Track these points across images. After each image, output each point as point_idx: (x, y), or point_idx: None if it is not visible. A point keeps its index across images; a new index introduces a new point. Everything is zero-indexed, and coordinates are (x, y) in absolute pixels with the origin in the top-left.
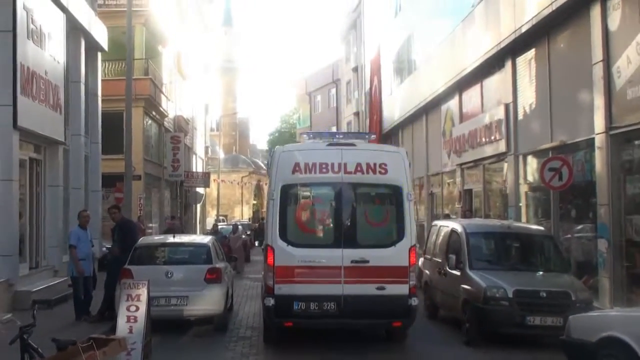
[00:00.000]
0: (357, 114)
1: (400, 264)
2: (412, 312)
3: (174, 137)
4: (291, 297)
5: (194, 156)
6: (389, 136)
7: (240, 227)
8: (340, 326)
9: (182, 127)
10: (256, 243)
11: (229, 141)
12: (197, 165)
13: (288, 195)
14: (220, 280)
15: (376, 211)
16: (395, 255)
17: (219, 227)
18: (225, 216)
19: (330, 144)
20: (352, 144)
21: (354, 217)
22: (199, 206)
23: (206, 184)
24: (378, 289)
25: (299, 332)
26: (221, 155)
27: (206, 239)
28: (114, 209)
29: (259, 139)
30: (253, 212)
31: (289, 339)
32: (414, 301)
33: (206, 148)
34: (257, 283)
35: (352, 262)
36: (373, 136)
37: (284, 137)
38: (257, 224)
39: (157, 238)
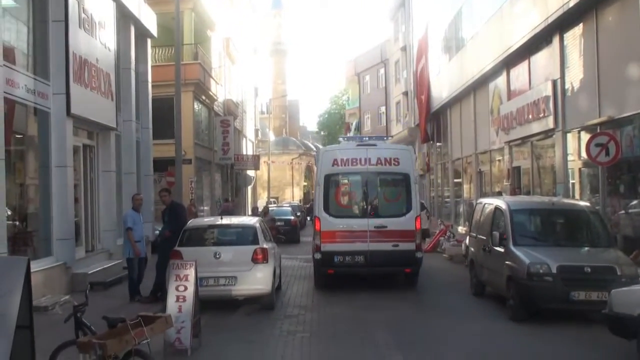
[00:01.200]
0: (405, 93)
1: (409, 228)
2: (417, 261)
3: (224, 121)
4: (332, 252)
5: (244, 139)
6: (437, 115)
7: (288, 207)
8: (367, 272)
9: (232, 110)
10: (308, 218)
11: (279, 123)
12: (247, 148)
13: (329, 181)
14: (267, 261)
15: (391, 192)
16: (405, 222)
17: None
18: (277, 198)
19: (359, 145)
20: (374, 144)
21: (376, 196)
22: (249, 188)
23: (256, 167)
24: (393, 246)
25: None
26: (271, 137)
27: (253, 220)
28: (164, 192)
29: (309, 121)
30: (304, 194)
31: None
32: (419, 254)
33: (256, 131)
34: (307, 264)
35: (375, 227)
36: (390, 138)
37: (334, 118)
38: (308, 206)
39: (206, 220)
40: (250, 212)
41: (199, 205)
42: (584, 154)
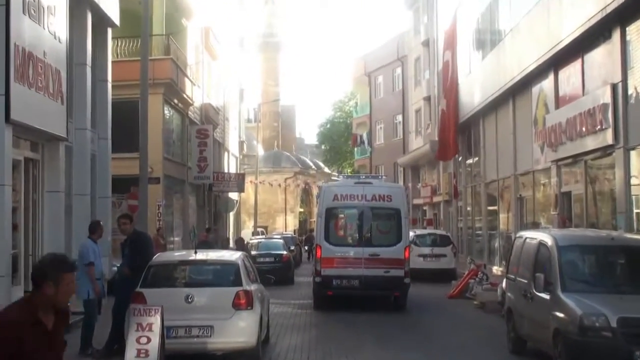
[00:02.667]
0: (427, 98)
1: (399, 257)
2: (405, 286)
3: (201, 131)
4: (331, 276)
5: (225, 154)
6: (467, 126)
7: (279, 239)
8: (362, 294)
9: (211, 117)
10: (305, 247)
11: (270, 134)
12: (230, 165)
13: (330, 214)
14: (252, 306)
15: (384, 224)
16: (395, 251)
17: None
18: (265, 227)
19: (356, 183)
20: (370, 182)
21: (370, 228)
22: (231, 215)
23: (240, 188)
24: (385, 272)
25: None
26: (260, 152)
27: (235, 256)
28: (125, 219)
29: (307, 132)
30: (300, 222)
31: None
32: (407, 280)
33: (241, 143)
34: (301, 311)
35: (369, 255)
36: (385, 177)
37: (338, 128)
38: (303, 237)
39: (177, 254)
40: (234, 245)
41: (168, 236)
42: None
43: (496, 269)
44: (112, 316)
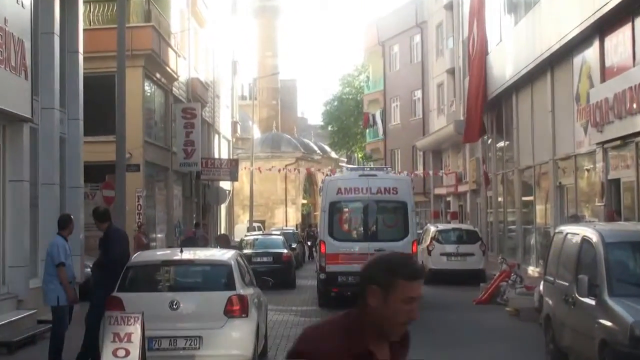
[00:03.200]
0: (451, 71)
1: (407, 251)
2: None
3: (187, 110)
4: (336, 272)
5: (216, 136)
6: (497, 103)
7: (278, 235)
8: None
9: (199, 94)
10: (308, 242)
11: (268, 114)
12: (221, 150)
13: (334, 208)
14: (247, 313)
15: (390, 218)
16: (403, 246)
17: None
18: (263, 222)
19: (361, 175)
20: (375, 175)
21: (376, 222)
22: (223, 208)
23: (233, 177)
24: None
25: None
26: (256, 134)
27: (227, 255)
28: (93, 217)
29: (311, 111)
30: (302, 216)
31: None
32: None
33: (234, 124)
34: (304, 318)
35: (375, 250)
36: (390, 168)
37: (347, 106)
38: (305, 231)
39: (159, 253)
40: (214, 243)
41: (149, 232)
42: None
43: (532, 270)
44: (85, 325)
